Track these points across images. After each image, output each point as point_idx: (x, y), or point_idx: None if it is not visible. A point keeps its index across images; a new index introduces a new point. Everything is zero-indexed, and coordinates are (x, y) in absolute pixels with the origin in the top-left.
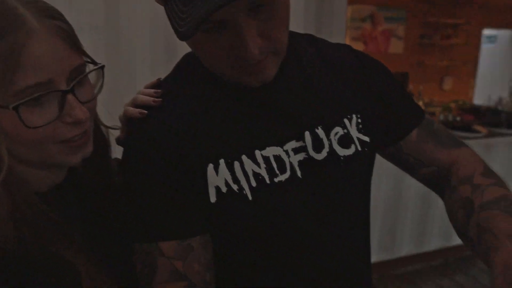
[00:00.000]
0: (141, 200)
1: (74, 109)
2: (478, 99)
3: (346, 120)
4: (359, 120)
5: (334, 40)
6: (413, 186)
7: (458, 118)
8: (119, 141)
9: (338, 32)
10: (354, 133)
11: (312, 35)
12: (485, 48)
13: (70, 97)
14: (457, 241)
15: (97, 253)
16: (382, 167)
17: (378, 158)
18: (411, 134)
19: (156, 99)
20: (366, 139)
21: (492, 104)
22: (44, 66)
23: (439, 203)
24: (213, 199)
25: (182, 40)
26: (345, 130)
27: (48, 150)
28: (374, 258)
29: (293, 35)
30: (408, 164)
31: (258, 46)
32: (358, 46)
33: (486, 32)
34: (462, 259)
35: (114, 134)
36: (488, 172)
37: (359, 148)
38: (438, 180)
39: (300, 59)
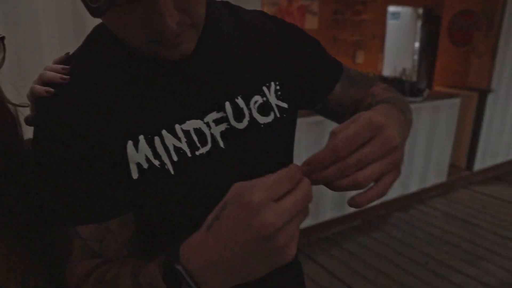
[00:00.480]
0: (55, 184)
1: None
2: (386, 71)
3: (265, 88)
4: (278, 87)
5: None
6: None
7: None
8: (27, 121)
9: (253, 8)
10: (273, 100)
11: (229, 2)
12: (390, 24)
13: None
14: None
15: (18, 241)
16: (300, 138)
17: (297, 129)
18: (335, 88)
19: (64, 77)
20: (285, 105)
21: (397, 75)
22: None
23: None
24: (135, 175)
25: (95, 17)
26: (264, 98)
27: None
28: (301, 225)
29: (210, 4)
30: (336, 115)
31: (175, 19)
32: None
33: (391, 9)
34: (378, 217)
35: (24, 113)
36: (388, 88)
37: (278, 115)
38: None
39: (218, 30)
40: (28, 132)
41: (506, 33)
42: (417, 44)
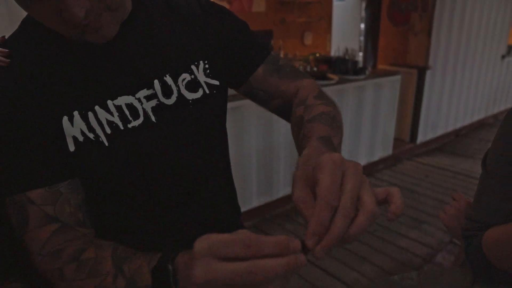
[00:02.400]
0: (0, 154)
1: None
2: (334, 53)
3: (193, 67)
4: (207, 66)
5: None
6: (282, 133)
7: (315, 69)
8: None
9: None
10: (202, 78)
11: None
12: (337, 5)
13: None
14: None
15: None
16: (251, 118)
17: (250, 111)
18: (258, 71)
19: (4, 60)
20: (216, 82)
21: (341, 54)
22: None
23: None
24: (71, 148)
25: (20, 5)
26: (192, 76)
27: None
28: (255, 203)
29: None
30: (260, 98)
31: (84, 7)
32: (223, 5)
33: None
34: None
35: None
36: (320, 95)
37: (207, 91)
38: (285, 109)
39: (147, 10)
40: None
41: (439, 13)
42: (362, 25)
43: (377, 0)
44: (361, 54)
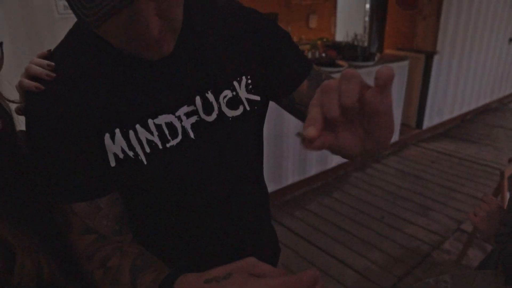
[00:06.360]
0: (48, 166)
1: None
2: (339, 36)
3: (235, 83)
4: (249, 81)
5: None
6: (291, 121)
7: (323, 55)
8: (18, 111)
9: None
10: (243, 94)
11: None
12: None
13: None
14: (332, 164)
15: (23, 224)
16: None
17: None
18: (302, 85)
19: (50, 74)
20: (257, 98)
21: (350, 40)
22: None
23: None
24: (112, 163)
25: (91, 28)
26: (234, 93)
27: None
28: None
29: (187, 2)
30: (300, 113)
31: (157, 27)
32: None
33: None
34: (337, 178)
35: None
36: None
37: (248, 108)
38: None
39: (194, 29)
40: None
41: None
42: (368, 6)
43: None
44: (365, 35)
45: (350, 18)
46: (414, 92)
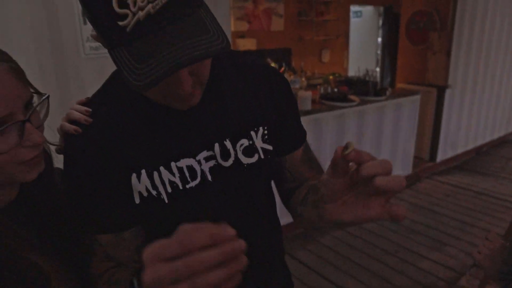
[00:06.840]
0: (81, 201)
1: (32, 134)
2: (351, 70)
3: (253, 133)
4: (265, 132)
5: (220, 20)
6: None
7: (336, 90)
8: (58, 151)
9: (222, 14)
10: (259, 143)
11: (232, 51)
12: (353, 22)
13: (28, 125)
14: None
15: (57, 253)
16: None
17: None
18: (296, 153)
19: (88, 119)
20: (270, 147)
21: (361, 75)
22: (5, 102)
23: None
24: (137, 201)
25: (137, 91)
26: (250, 142)
27: (9, 170)
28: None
29: (215, 58)
30: (281, 177)
31: (190, 83)
32: (243, 26)
33: (353, 8)
34: None
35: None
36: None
37: (262, 156)
38: (292, 193)
39: (220, 82)
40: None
41: (458, 33)
42: (380, 40)
43: (395, 16)
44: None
45: (363, 52)
46: (427, 125)
